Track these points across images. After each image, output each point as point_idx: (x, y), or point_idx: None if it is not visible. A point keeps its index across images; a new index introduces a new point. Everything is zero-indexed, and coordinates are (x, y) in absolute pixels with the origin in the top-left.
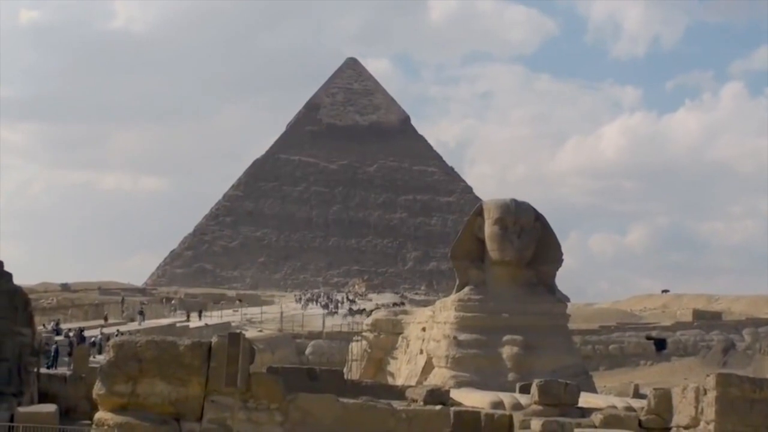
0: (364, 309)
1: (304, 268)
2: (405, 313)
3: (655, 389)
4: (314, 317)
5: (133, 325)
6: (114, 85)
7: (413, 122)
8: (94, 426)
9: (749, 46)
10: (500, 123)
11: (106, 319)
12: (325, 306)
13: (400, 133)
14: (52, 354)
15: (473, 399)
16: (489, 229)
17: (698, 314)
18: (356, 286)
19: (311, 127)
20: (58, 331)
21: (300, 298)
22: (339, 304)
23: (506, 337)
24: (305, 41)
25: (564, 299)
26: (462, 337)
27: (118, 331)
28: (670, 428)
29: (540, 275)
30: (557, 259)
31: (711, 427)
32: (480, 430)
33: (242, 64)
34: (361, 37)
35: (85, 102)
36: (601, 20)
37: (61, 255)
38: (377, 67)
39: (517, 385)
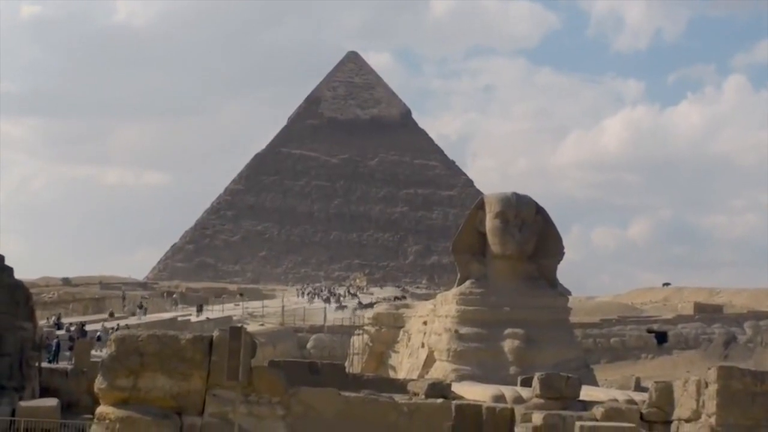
0: (374, 303)
1: (306, 262)
2: (406, 306)
3: (656, 382)
4: (317, 311)
5: (135, 320)
6: (116, 80)
7: (415, 116)
8: (95, 420)
9: (751, 39)
10: (502, 116)
11: (111, 314)
12: (327, 300)
13: (402, 126)
14: (54, 348)
15: (475, 392)
16: (490, 222)
17: (699, 307)
18: (357, 280)
19: (312, 121)
20: (59, 326)
21: (303, 293)
22: (341, 298)
23: (507, 331)
24: (307, 36)
25: (565, 293)
26: (463, 330)
27: (118, 325)
28: (671, 421)
29: (541, 269)
30: (558, 253)
31: (712, 420)
32: (481, 424)
33: (244, 58)
34: (362, 32)
35: (86, 97)
36: (603, 14)
37: (63, 250)
38: (379, 61)
39: (519, 379)
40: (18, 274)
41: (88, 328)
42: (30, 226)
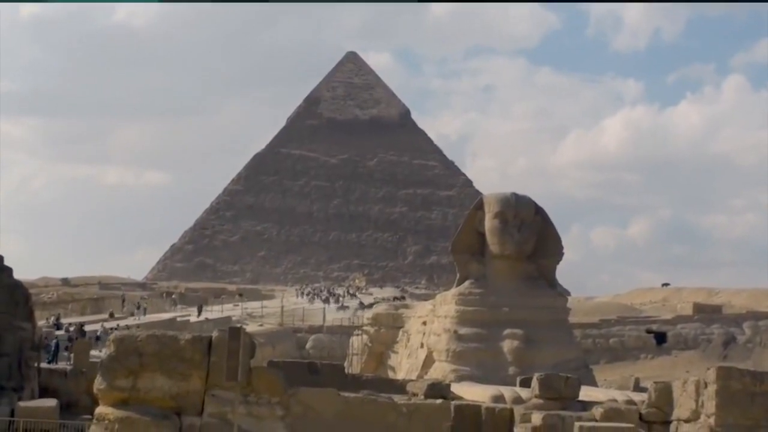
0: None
1: (305, 262)
2: (405, 307)
3: (655, 383)
4: (316, 311)
5: (134, 320)
6: (116, 80)
7: (415, 116)
8: (94, 420)
9: (751, 38)
10: (502, 116)
11: (111, 315)
12: (326, 300)
13: (401, 127)
14: (53, 349)
15: (474, 393)
16: (489, 222)
17: (698, 308)
18: (356, 281)
19: (312, 121)
20: (58, 326)
21: (303, 293)
22: (340, 298)
23: (507, 331)
24: (307, 36)
25: (564, 293)
26: (462, 331)
27: (117, 325)
28: (670, 421)
29: (540, 269)
30: (558, 253)
31: (711, 420)
32: (481, 424)
33: (244, 58)
34: (362, 32)
35: (86, 97)
36: (603, 13)
37: (62, 250)
38: (378, 61)
39: (518, 379)
40: (17, 274)
41: (87, 328)
42: (30, 226)
